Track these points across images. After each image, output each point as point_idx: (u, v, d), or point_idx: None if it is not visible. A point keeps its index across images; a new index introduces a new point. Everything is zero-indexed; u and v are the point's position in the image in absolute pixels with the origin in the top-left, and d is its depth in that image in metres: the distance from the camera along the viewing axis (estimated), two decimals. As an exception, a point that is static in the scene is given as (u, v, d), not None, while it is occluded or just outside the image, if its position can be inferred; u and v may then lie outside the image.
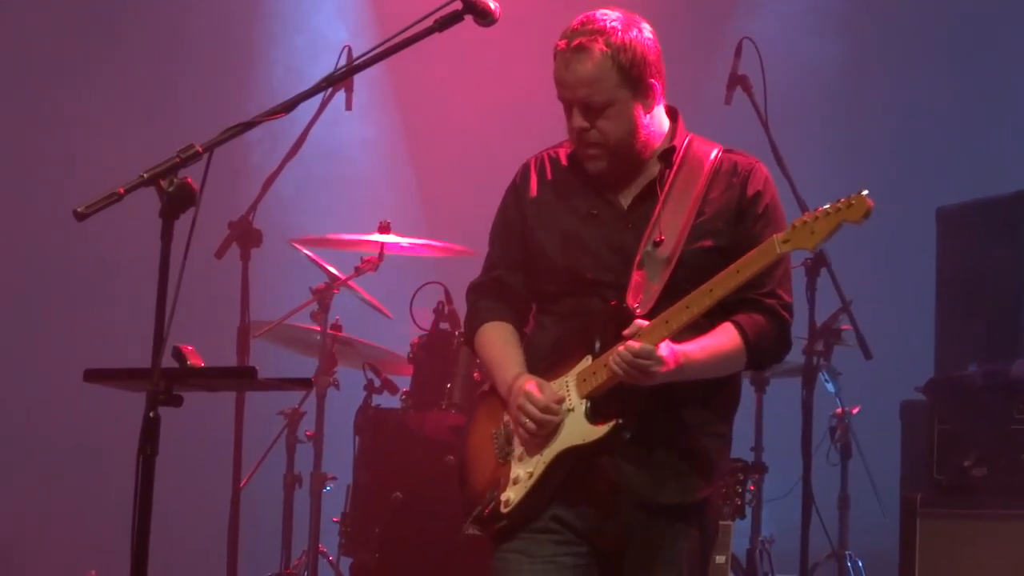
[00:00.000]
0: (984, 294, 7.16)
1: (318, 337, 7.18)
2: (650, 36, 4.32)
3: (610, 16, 4.30)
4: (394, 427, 6.99)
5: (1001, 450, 6.40)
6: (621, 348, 4.15)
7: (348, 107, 7.22)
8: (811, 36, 9.94)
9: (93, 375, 3.89)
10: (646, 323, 4.17)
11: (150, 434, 3.52)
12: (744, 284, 4.15)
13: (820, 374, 6.82)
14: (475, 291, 4.58)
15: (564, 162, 4.48)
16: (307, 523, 7.08)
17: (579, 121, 4.31)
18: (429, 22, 4.00)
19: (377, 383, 7.26)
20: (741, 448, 7.38)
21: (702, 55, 9.26)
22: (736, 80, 6.59)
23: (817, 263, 6.39)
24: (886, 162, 9.70)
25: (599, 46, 4.25)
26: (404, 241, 7.23)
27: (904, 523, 6.46)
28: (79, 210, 3.56)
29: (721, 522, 5.25)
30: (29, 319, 9.26)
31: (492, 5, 4.09)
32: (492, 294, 4.54)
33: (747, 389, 7.48)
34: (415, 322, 7.10)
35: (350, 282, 7.20)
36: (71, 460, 9.08)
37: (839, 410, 7.60)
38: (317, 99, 6.64)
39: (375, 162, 10.19)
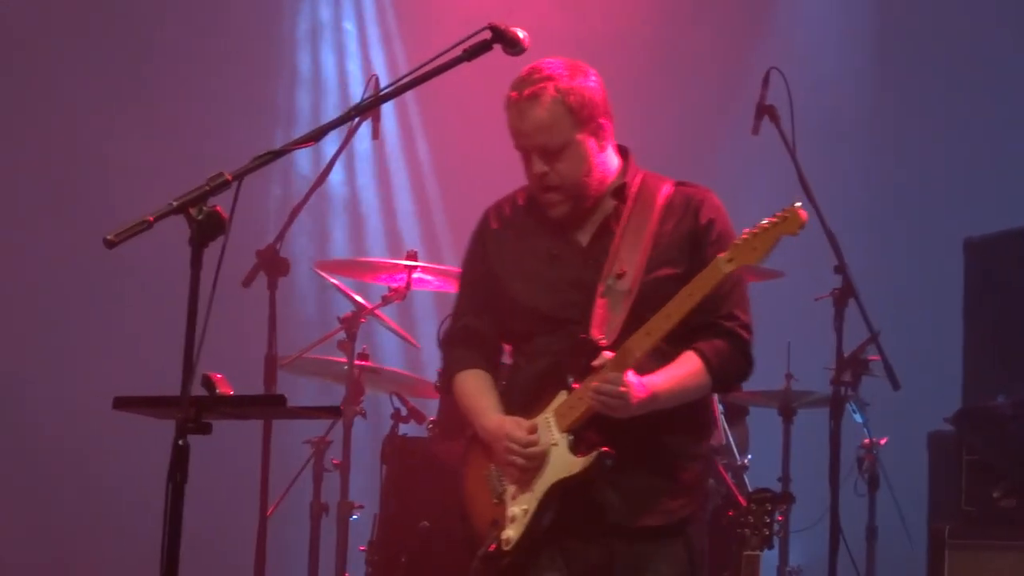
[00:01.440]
0: (1012, 324, 7.14)
1: (345, 367, 7.18)
2: (595, 80, 4.52)
3: (556, 63, 4.49)
4: (421, 456, 6.98)
5: (1030, 481, 6.38)
6: (594, 383, 4.32)
7: (375, 136, 7.26)
8: (839, 65, 9.94)
9: (123, 402, 3.90)
10: (611, 354, 4.34)
11: (179, 462, 3.53)
12: (699, 306, 4.31)
13: (848, 405, 6.80)
14: (448, 342, 4.80)
15: (521, 203, 4.66)
16: (334, 552, 7.08)
17: (539, 166, 4.49)
18: (457, 51, 4.02)
19: (404, 412, 7.26)
20: (769, 478, 7.35)
21: (730, 84, 9.26)
22: (764, 110, 6.59)
23: (845, 293, 6.36)
24: (914, 192, 9.68)
25: (550, 92, 4.44)
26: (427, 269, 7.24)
27: (932, 554, 6.44)
28: (109, 238, 3.57)
29: (749, 552, 5.26)
30: (60, 345, 9.27)
31: (520, 35, 4.12)
32: (463, 343, 4.74)
33: (775, 419, 7.46)
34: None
35: (377, 311, 7.20)
36: (101, 486, 9.09)
37: (867, 441, 7.55)
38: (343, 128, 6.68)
39: (403, 191, 10.20)
